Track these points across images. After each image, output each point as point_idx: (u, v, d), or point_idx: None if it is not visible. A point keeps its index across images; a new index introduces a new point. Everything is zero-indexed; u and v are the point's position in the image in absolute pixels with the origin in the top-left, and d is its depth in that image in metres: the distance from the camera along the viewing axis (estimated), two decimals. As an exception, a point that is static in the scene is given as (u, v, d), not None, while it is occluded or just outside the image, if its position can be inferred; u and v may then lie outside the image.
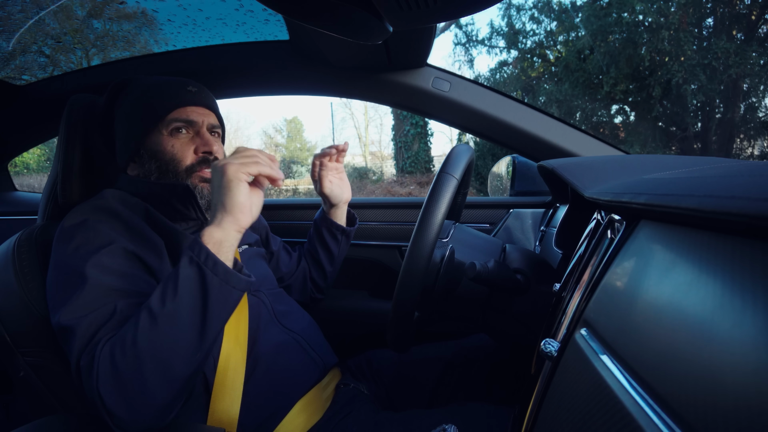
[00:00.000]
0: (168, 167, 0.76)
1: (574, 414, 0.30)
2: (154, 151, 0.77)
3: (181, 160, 0.77)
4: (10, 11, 1.04)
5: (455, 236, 0.79)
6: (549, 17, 8.16)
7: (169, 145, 0.77)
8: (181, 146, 0.77)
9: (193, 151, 0.78)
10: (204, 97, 0.81)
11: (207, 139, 0.79)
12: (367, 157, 15.95)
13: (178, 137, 0.77)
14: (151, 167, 0.77)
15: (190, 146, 0.78)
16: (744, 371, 0.17)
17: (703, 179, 0.29)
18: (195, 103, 0.79)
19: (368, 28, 0.60)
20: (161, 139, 0.77)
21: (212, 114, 0.82)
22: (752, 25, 6.59)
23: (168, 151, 0.77)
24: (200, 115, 0.79)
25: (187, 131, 0.78)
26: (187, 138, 0.78)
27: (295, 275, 1.02)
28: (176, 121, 0.77)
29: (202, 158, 0.78)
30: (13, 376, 0.73)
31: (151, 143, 0.77)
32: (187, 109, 0.78)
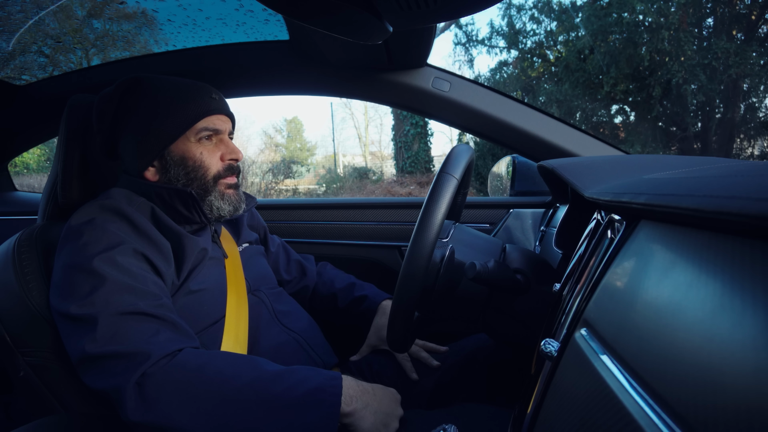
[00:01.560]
0: (197, 174, 0.77)
1: (574, 414, 0.30)
2: (182, 158, 0.77)
3: (209, 167, 0.78)
4: (10, 11, 1.04)
5: (455, 236, 0.79)
6: (549, 17, 8.16)
7: (197, 152, 0.78)
8: (209, 154, 0.79)
9: (219, 158, 0.80)
10: (224, 105, 0.82)
11: (232, 147, 0.81)
12: (367, 157, 15.95)
13: (205, 145, 0.78)
14: (179, 173, 0.77)
15: (216, 153, 0.80)
16: (744, 371, 0.17)
17: (703, 179, 0.29)
18: (219, 111, 0.80)
19: (368, 28, 0.60)
20: (189, 146, 0.77)
21: (230, 121, 0.84)
22: (752, 25, 6.59)
23: (197, 158, 0.77)
24: (223, 122, 0.81)
25: (212, 138, 0.80)
26: (212, 145, 0.79)
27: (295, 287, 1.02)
28: (205, 130, 0.78)
29: (228, 166, 0.80)
30: (13, 376, 0.73)
31: (178, 150, 0.77)
32: (213, 118, 0.79)
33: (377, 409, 0.63)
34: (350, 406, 0.60)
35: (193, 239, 0.75)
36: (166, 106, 0.76)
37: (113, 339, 0.58)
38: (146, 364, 0.57)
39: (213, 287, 0.76)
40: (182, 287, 0.73)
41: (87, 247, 0.65)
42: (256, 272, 0.87)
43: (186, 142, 0.77)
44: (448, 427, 0.62)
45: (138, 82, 0.78)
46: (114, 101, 0.77)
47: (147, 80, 0.78)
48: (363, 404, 0.62)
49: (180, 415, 0.56)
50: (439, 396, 0.86)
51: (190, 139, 0.77)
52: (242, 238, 0.92)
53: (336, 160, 15.17)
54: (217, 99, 0.80)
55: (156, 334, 0.61)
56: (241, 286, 0.80)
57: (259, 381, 0.59)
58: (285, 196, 10.00)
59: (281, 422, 0.56)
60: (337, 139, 16.76)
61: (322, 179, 13.85)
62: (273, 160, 13.43)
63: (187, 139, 0.77)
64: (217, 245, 0.83)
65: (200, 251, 0.76)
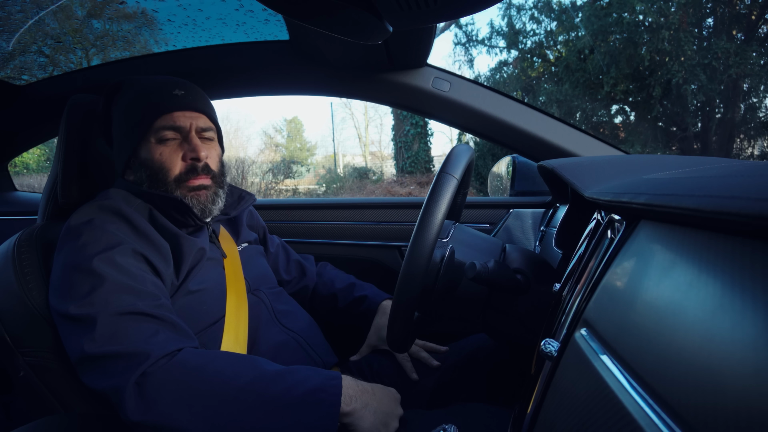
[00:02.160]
0: (158, 176, 0.76)
1: (574, 414, 0.30)
2: (144, 159, 0.76)
3: (169, 169, 0.76)
4: (10, 11, 1.04)
5: (455, 236, 0.79)
6: (549, 17, 8.16)
7: (157, 153, 0.76)
8: (169, 154, 0.76)
9: (182, 158, 0.77)
10: (192, 99, 0.78)
11: (195, 144, 0.76)
12: (367, 157, 15.95)
13: (167, 144, 0.76)
14: (143, 176, 0.76)
15: (178, 153, 0.77)
16: (744, 371, 0.17)
17: (703, 179, 0.29)
18: (182, 107, 0.76)
19: (368, 28, 0.60)
20: (150, 147, 0.76)
21: (202, 116, 0.79)
22: (752, 25, 6.59)
23: (156, 159, 0.75)
24: (188, 119, 0.77)
25: (175, 137, 0.77)
26: (175, 145, 0.77)
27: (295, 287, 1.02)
28: (163, 129, 0.75)
29: (190, 166, 0.77)
30: (13, 376, 0.73)
31: (142, 152, 0.77)
32: (174, 115, 0.76)
33: (377, 409, 0.63)
34: (350, 405, 0.60)
35: (191, 240, 0.75)
36: (130, 110, 0.76)
37: (112, 339, 0.58)
38: (146, 363, 0.57)
39: (212, 287, 0.76)
40: (181, 287, 0.73)
41: (86, 247, 0.65)
42: (256, 272, 0.87)
43: (147, 144, 0.76)
44: (448, 427, 0.62)
45: (119, 86, 0.80)
46: (105, 105, 0.80)
47: (126, 83, 0.79)
48: (363, 404, 0.62)
49: (180, 415, 0.56)
50: (439, 396, 0.86)
51: (151, 140, 0.75)
52: (241, 237, 0.92)
53: (336, 160, 15.18)
54: (181, 95, 0.77)
55: (155, 334, 0.60)
56: (241, 285, 0.80)
57: (259, 381, 0.59)
58: (285, 196, 10.00)
59: (281, 422, 0.56)
60: (337, 139, 16.76)
61: (322, 179, 13.85)
62: (273, 160, 13.44)
63: (148, 141, 0.76)
64: (216, 245, 0.83)
65: (198, 251, 0.76)
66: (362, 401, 0.62)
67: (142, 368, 0.57)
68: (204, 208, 0.78)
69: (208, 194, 0.79)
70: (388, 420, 0.63)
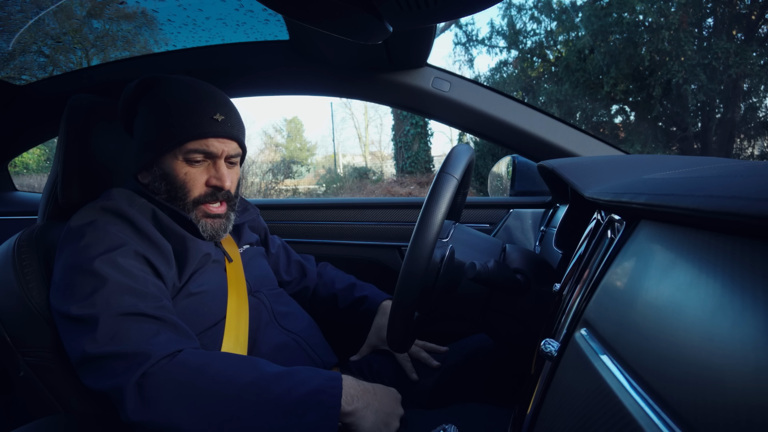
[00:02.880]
0: (177, 193, 0.75)
1: (574, 414, 0.30)
2: (166, 173, 0.75)
3: (190, 190, 0.75)
4: (10, 11, 1.04)
5: (455, 236, 0.79)
6: (549, 17, 8.16)
7: (182, 172, 0.75)
8: (194, 175, 0.75)
9: (205, 182, 0.76)
10: (230, 127, 0.76)
11: (222, 173, 0.76)
12: (367, 157, 15.95)
13: (193, 166, 0.75)
14: (161, 187, 0.76)
15: (203, 176, 0.76)
16: (744, 371, 0.17)
17: (703, 179, 0.29)
18: (218, 134, 0.74)
19: (368, 28, 0.60)
20: (175, 163, 0.74)
21: (234, 143, 0.78)
22: (752, 25, 6.59)
23: (180, 178, 0.75)
24: (221, 145, 0.75)
25: (204, 160, 0.76)
26: (202, 167, 0.76)
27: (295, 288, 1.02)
28: (195, 152, 0.74)
29: (211, 191, 0.77)
30: (13, 376, 0.73)
31: (165, 164, 0.75)
32: (209, 141, 0.74)
33: (378, 408, 0.63)
34: (351, 405, 0.60)
35: (197, 242, 0.75)
36: (162, 119, 0.74)
37: (113, 339, 0.58)
38: (146, 364, 0.57)
39: (214, 289, 0.76)
40: (183, 289, 0.73)
41: (88, 249, 0.65)
42: (257, 274, 0.87)
43: (173, 159, 0.74)
44: (448, 427, 0.62)
45: (155, 83, 0.77)
46: (133, 97, 0.77)
47: (162, 83, 0.76)
48: (364, 404, 0.62)
49: (180, 415, 0.56)
50: (439, 396, 0.86)
51: (178, 156, 0.74)
52: (243, 240, 0.92)
53: (336, 160, 15.18)
54: (220, 121, 0.75)
55: (156, 335, 0.60)
56: (242, 287, 0.80)
57: (260, 382, 0.59)
58: (285, 196, 10.00)
59: (281, 422, 0.56)
60: (337, 139, 16.76)
61: (322, 179, 13.85)
62: (273, 160, 13.43)
63: (175, 156, 0.74)
64: (219, 248, 0.83)
65: (204, 256, 0.76)
66: (363, 401, 0.62)
67: (142, 368, 0.57)
68: (215, 234, 0.79)
69: (221, 223, 0.79)
70: (389, 420, 0.63)
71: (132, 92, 0.77)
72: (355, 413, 0.60)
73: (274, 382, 0.59)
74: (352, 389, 0.62)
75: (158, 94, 0.76)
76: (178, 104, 0.74)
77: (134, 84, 0.77)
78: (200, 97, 0.75)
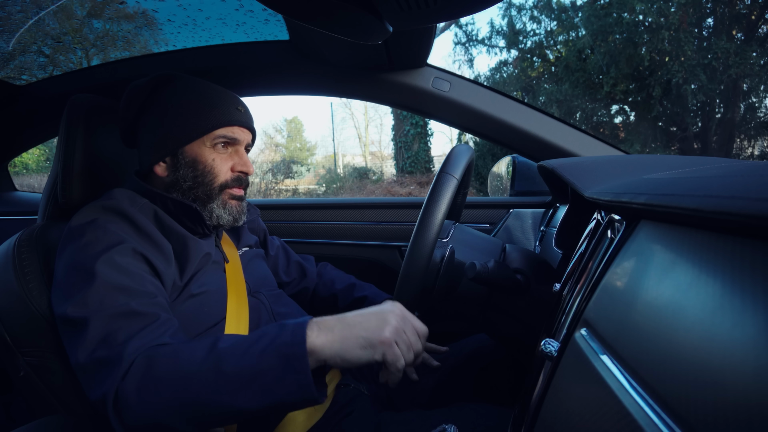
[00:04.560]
0: (204, 179, 0.78)
1: (574, 414, 0.30)
2: (194, 160, 0.78)
3: (217, 175, 0.79)
4: (10, 11, 1.04)
5: (455, 236, 0.79)
6: (549, 17, 8.16)
7: (210, 158, 0.78)
8: (221, 161, 0.79)
9: (230, 168, 0.80)
10: (248, 119, 0.83)
11: (245, 160, 0.82)
12: (367, 157, 15.95)
13: (219, 152, 0.79)
14: (186, 174, 0.78)
15: (228, 162, 0.80)
16: (744, 371, 0.17)
17: (703, 179, 0.29)
18: (241, 124, 0.80)
19: (368, 28, 0.60)
20: (203, 150, 0.78)
21: (251, 134, 0.84)
22: (752, 25, 6.59)
23: (208, 163, 0.78)
24: (243, 134, 0.81)
25: (228, 147, 0.80)
26: (226, 154, 0.80)
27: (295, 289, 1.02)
28: (223, 138, 0.78)
29: (236, 177, 0.81)
30: (13, 376, 0.73)
31: (192, 151, 0.78)
32: (234, 128, 0.80)
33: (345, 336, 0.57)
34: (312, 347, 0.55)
35: (198, 242, 0.76)
36: (190, 108, 0.77)
37: (103, 343, 0.58)
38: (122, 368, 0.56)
39: (214, 290, 0.76)
40: (184, 290, 0.73)
41: (88, 247, 0.65)
42: (257, 275, 0.87)
43: (201, 146, 0.78)
44: (448, 427, 0.62)
45: (170, 79, 0.80)
46: (144, 93, 0.78)
47: (179, 79, 0.80)
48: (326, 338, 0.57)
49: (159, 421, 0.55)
50: (439, 396, 0.86)
51: (206, 143, 0.78)
52: (242, 242, 0.92)
53: (336, 160, 15.17)
54: (242, 111, 0.81)
55: (140, 332, 0.59)
56: (242, 288, 0.80)
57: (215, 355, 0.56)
58: (285, 196, 10.00)
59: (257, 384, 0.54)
60: (337, 139, 16.76)
61: (322, 179, 13.85)
62: (273, 160, 13.43)
63: (203, 143, 0.78)
64: (219, 249, 0.83)
65: (204, 256, 0.76)
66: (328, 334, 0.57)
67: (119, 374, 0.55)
68: (237, 217, 0.82)
69: (243, 206, 0.84)
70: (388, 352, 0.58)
71: (142, 87, 0.78)
72: (331, 343, 0.56)
73: (230, 353, 0.56)
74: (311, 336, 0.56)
75: (179, 87, 0.79)
76: (204, 95, 0.79)
77: (145, 80, 0.78)
78: (222, 91, 0.81)
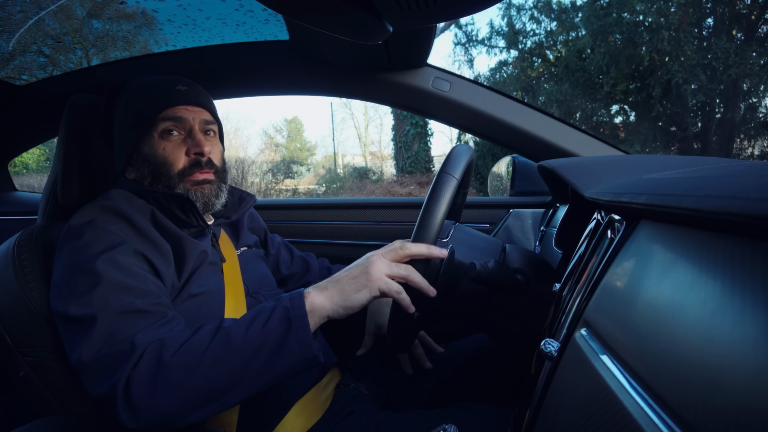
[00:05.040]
0: (160, 171, 0.76)
1: (574, 414, 0.30)
2: (147, 155, 0.77)
3: (172, 163, 0.76)
4: (10, 11, 1.04)
5: (455, 236, 0.79)
6: (549, 17, 8.16)
7: (160, 148, 0.76)
8: (173, 149, 0.76)
9: (185, 153, 0.77)
10: (195, 95, 0.79)
11: (199, 139, 0.77)
12: (367, 157, 15.95)
13: (170, 139, 0.77)
14: (145, 171, 0.77)
15: (181, 148, 0.77)
16: (744, 371, 0.17)
17: (703, 179, 0.29)
18: (184, 102, 0.77)
19: (368, 28, 0.60)
20: (153, 142, 0.76)
21: (205, 111, 0.80)
22: (752, 25, 6.59)
23: (159, 154, 0.76)
24: (191, 113, 0.78)
25: (179, 132, 0.77)
26: (179, 139, 0.77)
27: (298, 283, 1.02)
28: (165, 121, 0.76)
29: (194, 161, 0.77)
30: (13, 376, 0.73)
31: (144, 147, 0.77)
32: (177, 109, 0.77)
33: (340, 289, 0.61)
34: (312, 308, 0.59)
35: (194, 242, 0.75)
36: (131, 105, 0.77)
37: (110, 339, 0.58)
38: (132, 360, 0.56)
39: (212, 290, 0.76)
40: (183, 291, 0.73)
41: (87, 247, 0.65)
42: (255, 275, 0.87)
43: (150, 139, 0.76)
44: (448, 427, 0.62)
45: (120, 85, 0.80)
46: (106, 105, 0.80)
47: (128, 82, 0.80)
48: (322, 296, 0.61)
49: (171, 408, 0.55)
50: (439, 396, 0.86)
51: (154, 135, 0.76)
52: (241, 241, 0.91)
53: (336, 160, 15.18)
54: (184, 90, 0.77)
55: (149, 327, 0.60)
56: (239, 288, 0.80)
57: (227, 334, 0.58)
58: (285, 196, 10.00)
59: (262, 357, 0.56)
60: (337, 139, 16.76)
61: (322, 179, 13.85)
62: (273, 160, 13.43)
63: (151, 135, 0.76)
64: (216, 249, 0.83)
65: (200, 254, 0.76)
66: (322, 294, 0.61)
67: (129, 366, 0.56)
68: (207, 201, 0.79)
69: (211, 188, 0.79)
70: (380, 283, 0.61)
71: (104, 100, 0.81)
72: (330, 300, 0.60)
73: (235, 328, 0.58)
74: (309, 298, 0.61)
75: (126, 91, 0.79)
76: (142, 89, 0.78)
77: (105, 92, 0.81)
78: (160, 78, 0.79)
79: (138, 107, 0.76)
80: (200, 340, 0.58)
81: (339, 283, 0.62)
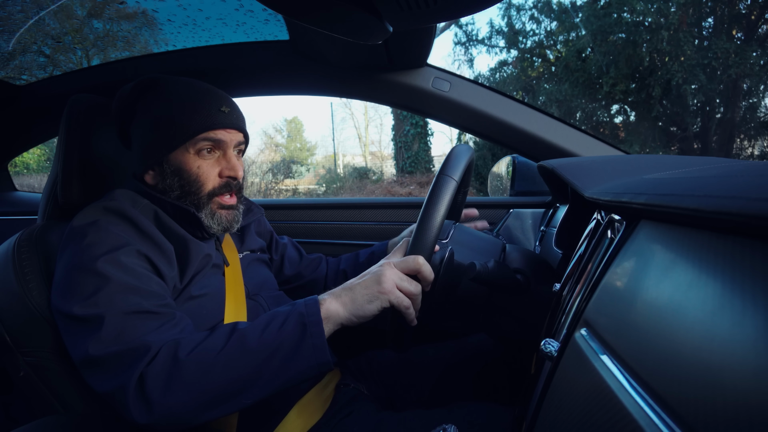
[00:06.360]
0: (191, 188, 0.75)
1: (574, 414, 0.30)
2: (178, 168, 0.75)
3: (204, 183, 0.76)
4: (10, 11, 1.04)
5: (455, 236, 0.79)
6: (549, 17, 8.16)
7: (195, 165, 0.75)
8: (207, 168, 0.76)
9: (218, 174, 0.77)
10: (236, 118, 0.78)
11: (233, 163, 0.77)
12: (367, 157, 15.96)
13: (205, 158, 0.76)
14: (173, 184, 0.75)
15: (215, 168, 0.77)
16: (744, 371, 0.17)
17: (703, 179, 0.29)
18: (226, 125, 0.76)
19: (368, 28, 0.60)
20: (187, 157, 0.75)
21: (240, 134, 0.80)
22: (752, 25, 6.59)
23: (193, 171, 0.75)
24: (229, 135, 0.77)
25: (214, 152, 0.77)
26: (212, 159, 0.77)
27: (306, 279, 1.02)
28: (205, 141, 0.75)
29: (225, 183, 0.77)
30: (13, 376, 0.73)
31: (176, 160, 0.75)
32: (219, 132, 0.75)
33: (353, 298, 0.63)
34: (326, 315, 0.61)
35: (198, 244, 0.75)
36: (170, 114, 0.74)
37: (118, 338, 0.58)
38: (146, 358, 0.57)
39: (213, 293, 0.76)
40: (184, 292, 0.73)
41: (91, 248, 0.65)
42: (256, 279, 0.87)
43: (185, 153, 0.75)
44: (448, 427, 0.62)
45: (155, 83, 0.77)
46: (131, 98, 0.77)
47: (163, 82, 0.77)
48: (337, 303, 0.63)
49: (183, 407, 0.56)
50: (439, 396, 0.86)
51: (189, 150, 0.75)
52: (245, 245, 0.91)
53: (336, 160, 15.17)
54: (226, 112, 0.77)
55: (158, 329, 0.61)
56: (240, 291, 0.80)
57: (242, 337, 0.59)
58: (285, 196, 9.99)
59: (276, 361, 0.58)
60: (337, 139, 16.75)
61: (322, 179, 13.85)
62: (273, 160, 13.42)
63: (186, 150, 0.75)
64: (219, 252, 0.83)
65: (204, 257, 0.76)
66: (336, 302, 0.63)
67: (143, 363, 0.56)
68: (228, 226, 0.79)
69: (235, 215, 0.80)
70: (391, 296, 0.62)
71: (129, 93, 0.77)
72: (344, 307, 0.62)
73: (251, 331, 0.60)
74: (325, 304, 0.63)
75: (162, 93, 0.76)
76: (184, 100, 0.75)
77: (131, 85, 0.77)
78: (205, 92, 0.77)
79: (176, 118, 0.73)
80: (215, 341, 0.59)
81: (352, 291, 0.63)
